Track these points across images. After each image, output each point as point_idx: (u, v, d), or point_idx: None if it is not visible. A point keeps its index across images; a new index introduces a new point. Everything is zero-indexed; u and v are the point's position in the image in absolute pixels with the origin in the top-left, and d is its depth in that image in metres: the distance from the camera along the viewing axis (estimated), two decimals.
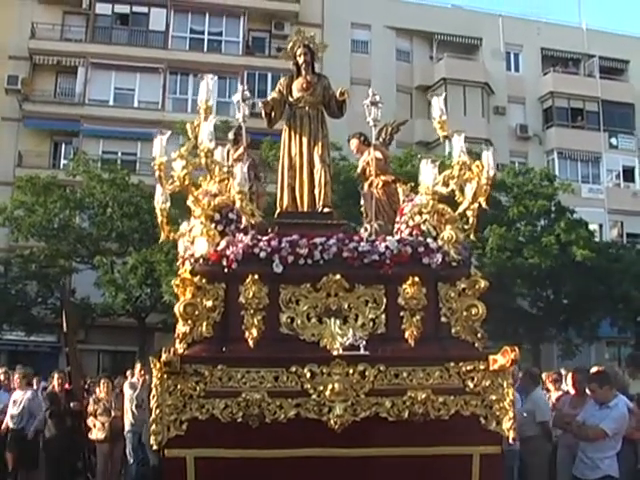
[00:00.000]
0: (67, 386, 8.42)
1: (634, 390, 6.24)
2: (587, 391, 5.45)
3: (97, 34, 24.12)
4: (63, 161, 22.76)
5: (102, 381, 8.61)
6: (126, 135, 22.32)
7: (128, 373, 9.35)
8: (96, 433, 8.09)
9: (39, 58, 23.17)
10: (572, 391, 6.17)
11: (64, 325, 9.07)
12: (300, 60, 5.41)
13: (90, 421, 8.15)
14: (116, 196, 18.02)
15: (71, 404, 8.08)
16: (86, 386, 10.42)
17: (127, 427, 8.12)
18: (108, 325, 19.12)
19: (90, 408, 8.21)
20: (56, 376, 8.49)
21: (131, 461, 8.31)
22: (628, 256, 19.51)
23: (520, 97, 27.16)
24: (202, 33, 24.85)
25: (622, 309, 18.93)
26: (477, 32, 26.68)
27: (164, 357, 4.03)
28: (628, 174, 27.17)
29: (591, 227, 20.25)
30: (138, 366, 8.44)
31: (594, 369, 6.33)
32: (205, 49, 24.47)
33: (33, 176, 18.45)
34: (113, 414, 8.15)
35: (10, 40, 22.65)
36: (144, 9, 24.38)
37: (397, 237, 4.81)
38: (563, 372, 7.84)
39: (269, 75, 22.32)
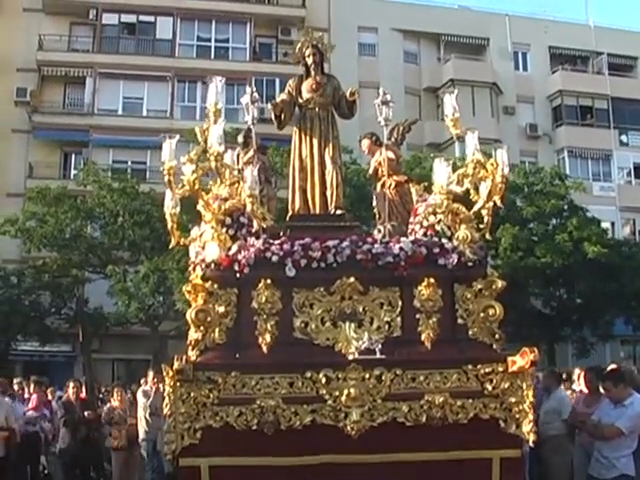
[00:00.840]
0: (83, 395, 8.39)
1: None
2: (600, 389, 5.40)
3: (104, 44, 24.21)
4: (73, 171, 22.80)
5: (116, 389, 8.61)
6: (135, 144, 22.38)
7: (142, 381, 9.33)
8: (112, 441, 8.07)
9: (47, 69, 23.29)
10: (585, 390, 6.13)
11: (80, 335, 9.09)
12: (309, 61, 5.34)
13: (106, 429, 8.14)
14: (127, 205, 18.01)
15: (85, 413, 8.02)
16: (100, 395, 10.43)
17: (141, 435, 8.09)
18: (122, 334, 19.12)
19: (105, 416, 8.19)
20: (71, 385, 8.49)
21: (146, 469, 8.27)
22: None
23: (529, 96, 26.98)
24: (209, 40, 24.91)
25: (636, 307, 18.77)
26: (484, 32, 26.56)
27: (176, 365, 3.98)
28: (639, 171, 26.88)
29: (603, 225, 20.06)
30: (151, 374, 8.42)
31: (610, 367, 6.26)
32: (212, 56, 24.52)
33: (44, 187, 18.51)
34: (129, 422, 8.12)
35: (18, 52, 22.78)
36: (151, 18, 24.45)
37: (411, 238, 4.73)
38: (577, 371, 7.75)
39: (277, 81, 22.32)
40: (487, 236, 4.62)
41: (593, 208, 20.28)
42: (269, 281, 4.36)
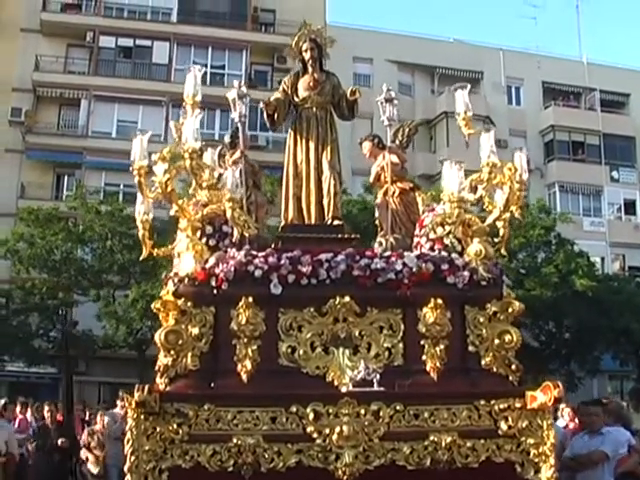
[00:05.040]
0: (59, 418, 8.36)
1: (637, 424, 6.49)
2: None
3: (100, 67, 24.55)
4: (66, 193, 23.00)
5: (100, 413, 8.46)
6: (128, 167, 22.15)
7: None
8: (90, 467, 7.85)
9: (43, 90, 23.55)
10: (570, 425, 6.57)
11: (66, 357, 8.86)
12: (306, 56, 5.06)
13: (83, 453, 7.93)
14: (114, 228, 18.10)
15: (60, 440, 7.83)
16: (87, 418, 10.38)
17: (107, 460, 7.79)
18: (109, 357, 19.22)
19: (84, 440, 8.00)
20: (46, 408, 8.33)
21: None
22: (628, 288, 19.67)
23: (521, 130, 27.45)
24: (205, 66, 24.80)
25: (624, 342, 19.07)
26: (478, 66, 27.14)
27: (137, 396, 3.42)
28: (629, 207, 27.45)
29: (593, 260, 20.40)
30: (120, 396, 8.03)
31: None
32: (208, 82, 24.60)
33: (35, 208, 18.63)
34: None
35: (14, 72, 23.12)
36: (147, 42, 24.84)
37: (416, 252, 4.37)
38: (562, 406, 7.79)
39: None
40: (502, 251, 4.17)
41: (583, 243, 20.60)
42: (251, 299, 3.97)
